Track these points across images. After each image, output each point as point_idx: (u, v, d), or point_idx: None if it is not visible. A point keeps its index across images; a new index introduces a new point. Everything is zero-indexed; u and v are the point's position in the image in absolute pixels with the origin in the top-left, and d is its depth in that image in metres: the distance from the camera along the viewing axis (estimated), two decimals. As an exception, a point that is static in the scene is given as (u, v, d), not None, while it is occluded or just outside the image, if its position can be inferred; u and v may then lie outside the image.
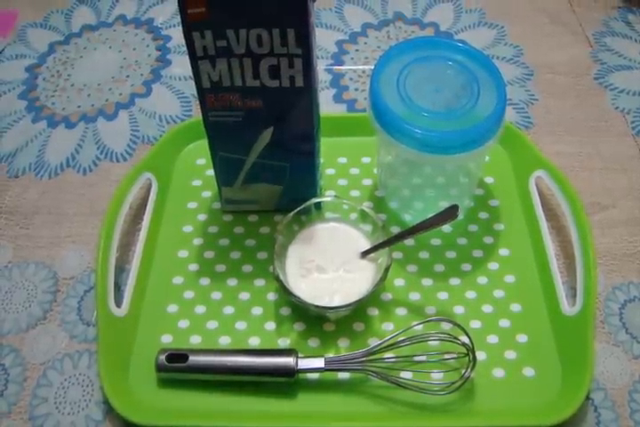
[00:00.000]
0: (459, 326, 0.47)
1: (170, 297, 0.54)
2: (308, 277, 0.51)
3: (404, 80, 0.51)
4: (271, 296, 0.54)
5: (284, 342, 0.52)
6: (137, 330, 0.52)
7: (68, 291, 0.56)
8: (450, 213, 0.48)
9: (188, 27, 0.44)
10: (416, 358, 0.49)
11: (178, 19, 0.80)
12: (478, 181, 0.60)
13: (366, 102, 0.52)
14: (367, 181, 0.62)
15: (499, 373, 0.49)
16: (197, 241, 0.58)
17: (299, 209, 0.53)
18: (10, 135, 0.68)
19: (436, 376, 0.48)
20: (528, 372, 0.49)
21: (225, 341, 0.52)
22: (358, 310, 0.52)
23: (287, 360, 0.48)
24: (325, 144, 0.58)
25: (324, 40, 0.77)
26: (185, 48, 0.46)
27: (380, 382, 0.48)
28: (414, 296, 0.54)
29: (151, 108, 0.71)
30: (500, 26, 0.78)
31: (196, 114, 0.69)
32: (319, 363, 0.47)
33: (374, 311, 0.53)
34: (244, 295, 0.54)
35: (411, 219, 0.58)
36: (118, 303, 0.52)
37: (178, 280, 0.55)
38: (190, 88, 0.72)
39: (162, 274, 0.56)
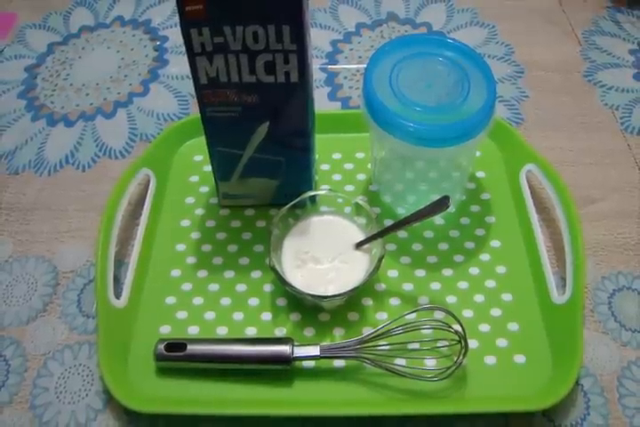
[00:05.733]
0: (450, 313, 0.48)
1: (168, 289, 0.55)
2: (304, 267, 0.52)
3: (396, 76, 0.52)
4: (267, 287, 0.55)
5: (280, 332, 0.53)
6: (136, 321, 0.53)
7: (67, 284, 0.57)
8: (441, 204, 0.49)
9: (186, 24, 0.45)
10: (409, 346, 0.50)
11: (175, 20, 0.82)
12: (470, 176, 0.61)
13: (360, 99, 0.54)
14: (361, 176, 0.63)
15: (490, 360, 0.50)
16: (195, 235, 0.59)
17: (294, 202, 0.54)
18: (9, 133, 0.70)
19: (429, 363, 0.50)
20: (519, 359, 0.50)
21: (222, 331, 0.53)
22: (353, 301, 0.54)
23: (283, 348, 0.48)
24: (320, 140, 0.59)
25: (318, 39, 0.78)
26: (182, 48, 0.47)
27: (375, 370, 0.49)
28: (407, 287, 0.55)
29: (149, 107, 0.72)
30: (491, 25, 0.79)
31: (194, 112, 0.71)
32: (314, 351, 0.48)
33: (368, 301, 0.54)
34: (241, 287, 0.55)
35: (404, 212, 0.59)
36: (117, 295, 0.53)
37: (176, 273, 0.56)
38: (187, 87, 0.74)
39: (160, 267, 0.57)
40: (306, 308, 0.54)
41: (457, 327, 0.48)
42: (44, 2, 0.85)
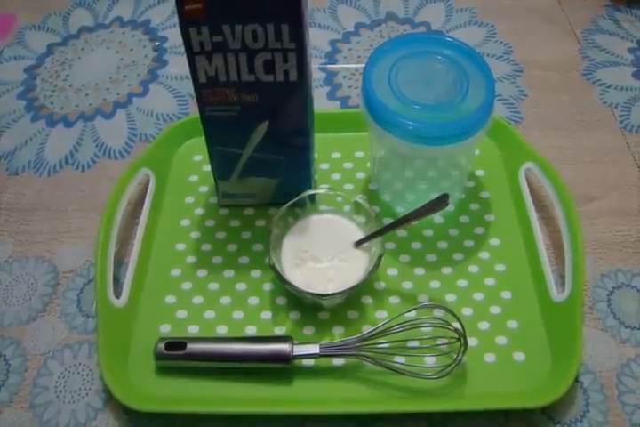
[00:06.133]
0: (450, 311, 0.48)
1: (168, 288, 0.55)
2: (303, 266, 0.52)
3: (395, 75, 0.52)
4: (267, 286, 0.55)
5: (279, 331, 0.53)
6: (136, 320, 0.53)
7: (67, 284, 0.57)
8: (440, 202, 0.49)
9: (185, 23, 0.45)
10: (409, 344, 0.50)
11: (174, 20, 0.82)
12: (469, 174, 0.61)
13: (359, 98, 0.54)
14: (360, 175, 0.63)
15: (490, 358, 0.50)
16: (194, 234, 0.59)
17: (293, 201, 0.54)
18: (9, 134, 0.70)
19: (429, 361, 0.50)
20: (518, 356, 0.50)
21: (222, 330, 0.53)
22: (352, 299, 0.54)
23: (283, 347, 0.49)
24: (319, 139, 0.59)
25: (317, 39, 0.78)
26: (181, 48, 0.47)
27: (374, 368, 0.49)
28: (407, 285, 0.55)
29: (148, 107, 0.72)
30: (490, 24, 0.79)
31: (193, 112, 0.71)
32: (314, 349, 0.48)
33: (368, 300, 0.54)
34: (241, 286, 0.55)
35: (403, 211, 0.59)
36: (117, 295, 0.53)
37: (175, 272, 0.56)
38: (186, 87, 0.74)
39: (160, 266, 0.57)
40: (305, 306, 0.54)
41: (456, 325, 0.48)
42: (43, 2, 0.85)
